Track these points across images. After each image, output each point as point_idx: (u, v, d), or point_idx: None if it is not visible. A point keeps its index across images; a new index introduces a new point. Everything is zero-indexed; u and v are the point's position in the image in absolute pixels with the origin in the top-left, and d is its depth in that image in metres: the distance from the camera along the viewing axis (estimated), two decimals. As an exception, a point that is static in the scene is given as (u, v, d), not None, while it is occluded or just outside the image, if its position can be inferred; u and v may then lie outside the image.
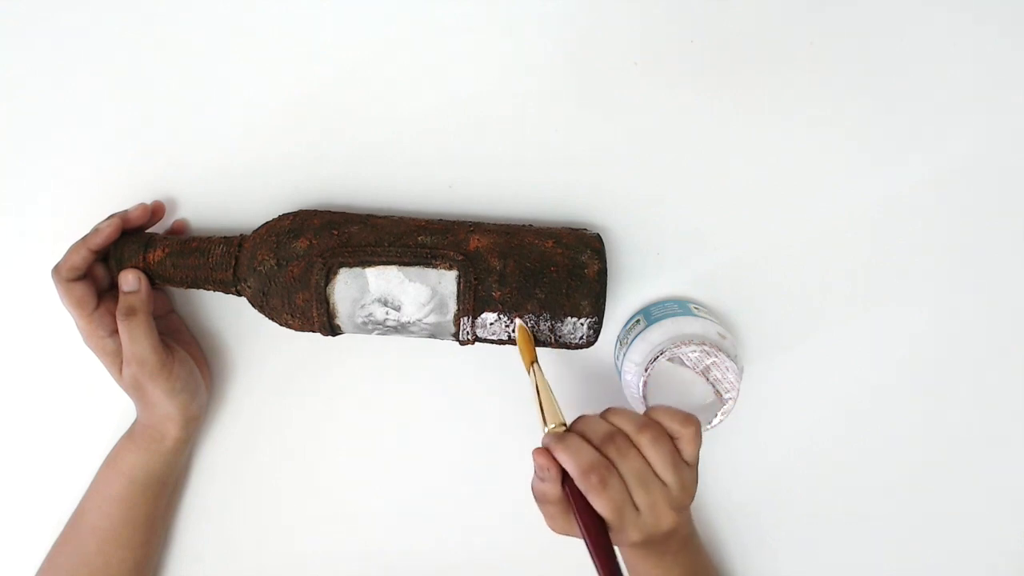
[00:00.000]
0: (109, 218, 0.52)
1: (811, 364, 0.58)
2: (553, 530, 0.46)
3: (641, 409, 0.51)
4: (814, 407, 0.58)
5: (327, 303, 0.49)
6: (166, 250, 0.52)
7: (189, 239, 0.53)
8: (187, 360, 0.54)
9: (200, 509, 0.60)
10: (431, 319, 0.50)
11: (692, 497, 0.45)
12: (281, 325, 0.52)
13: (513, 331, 0.50)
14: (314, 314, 0.49)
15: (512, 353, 0.56)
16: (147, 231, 0.54)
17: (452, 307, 0.49)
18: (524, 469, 0.59)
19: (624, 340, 0.55)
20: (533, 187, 0.55)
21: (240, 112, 0.55)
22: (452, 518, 0.61)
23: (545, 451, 0.44)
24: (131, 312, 0.50)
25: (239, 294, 0.52)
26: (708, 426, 0.51)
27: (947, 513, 0.60)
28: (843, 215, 0.55)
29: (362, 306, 0.49)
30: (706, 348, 0.50)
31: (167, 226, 0.56)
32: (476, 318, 0.49)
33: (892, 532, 0.60)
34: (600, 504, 0.42)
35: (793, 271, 0.56)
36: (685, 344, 0.50)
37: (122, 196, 0.55)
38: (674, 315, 0.53)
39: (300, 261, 0.49)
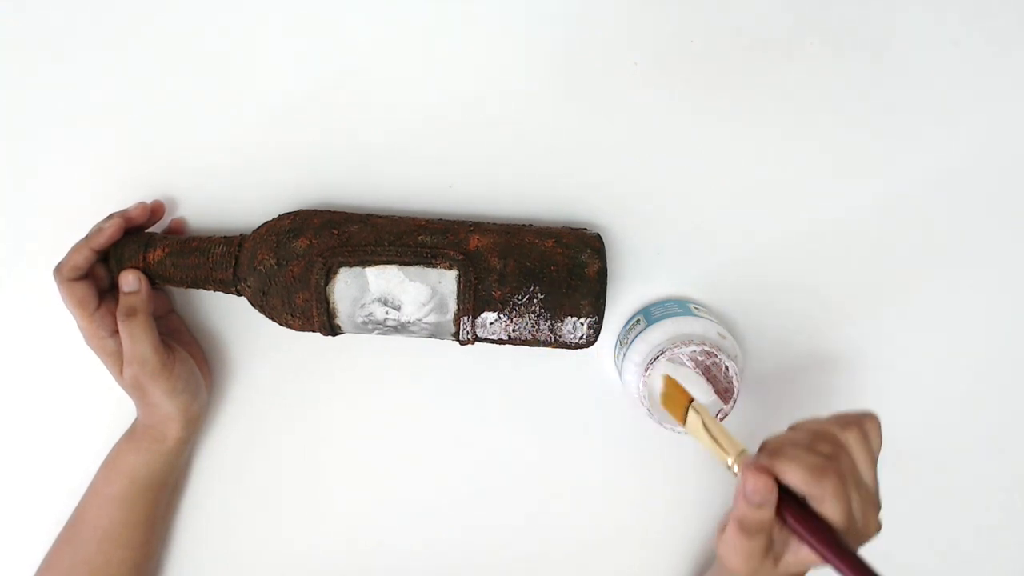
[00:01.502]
0: (109, 218, 0.52)
1: (811, 364, 0.58)
2: (738, 569, 0.40)
3: (641, 409, 0.52)
4: (814, 407, 0.58)
5: (327, 303, 0.49)
6: (166, 250, 0.52)
7: (189, 239, 0.53)
8: (188, 360, 0.54)
9: (200, 509, 0.60)
10: (431, 319, 0.50)
11: (880, 508, 0.41)
12: (281, 325, 0.52)
13: (513, 333, 0.50)
14: (314, 314, 0.49)
15: (512, 353, 0.56)
16: (147, 231, 0.54)
17: (452, 307, 0.49)
18: (524, 469, 0.59)
19: (624, 340, 0.55)
20: (533, 187, 0.55)
21: (240, 112, 0.55)
22: (452, 518, 0.60)
23: (761, 474, 0.39)
24: (131, 313, 0.50)
25: (239, 294, 0.52)
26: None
27: (953, 511, 0.60)
28: (843, 215, 0.55)
29: (362, 306, 0.49)
30: (706, 348, 0.50)
31: (165, 225, 0.56)
32: (476, 318, 0.49)
33: (893, 532, 0.60)
34: (834, 508, 0.38)
35: (793, 271, 0.56)
36: (685, 344, 0.50)
37: (122, 196, 0.55)
38: (674, 315, 0.53)
39: (300, 261, 0.49)
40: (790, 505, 0.39)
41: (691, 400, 0.46)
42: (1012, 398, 0.58)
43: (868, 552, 0.39)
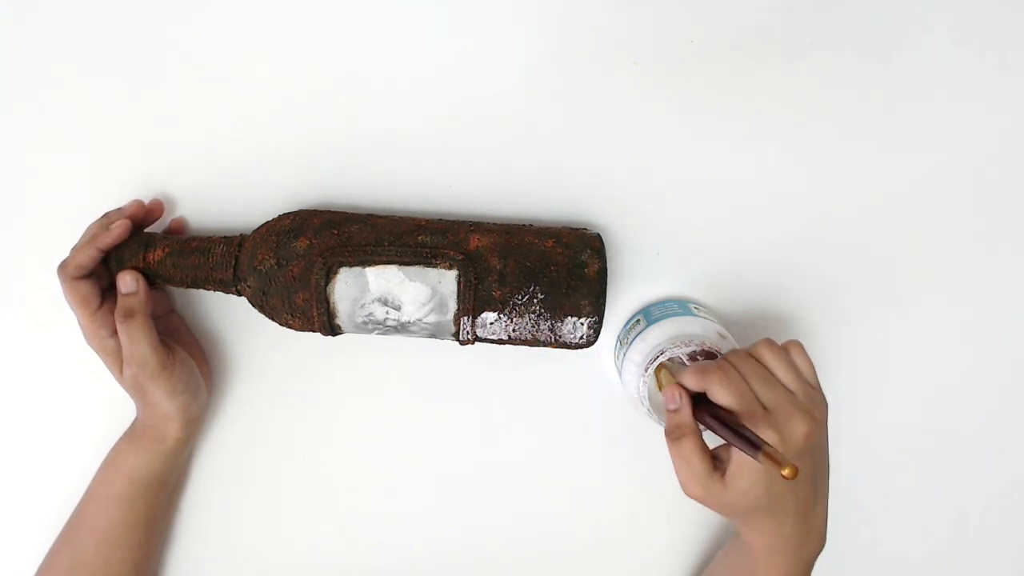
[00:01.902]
0: (105, 216, 0.52)
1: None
2: (687, 483, 0.45)
3: (641, 409, 0.52)
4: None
5: (327, 303, 0.49)
6: (166, 250, 0.52)
7: (189, 239, 0.53)
8: (188, 361, 0.54)
9: (200, 509, 0.60)
10: (431, 319, 0.50)
11: (824, 415, 0.45)
12: (281, 325, 0.51)
13: (513, 333, 0.50)
14: (314, 314, 0.49)
15: (513, 353, 0.56)
16: (147, 231, 0.54)
17: (452, 306, 0.49)
18: (524, 469, 0.59)
19: (624, 340, 0.55)
20: (533, 187, 0.55)
21: (240, 112, 0.55)
22: (452, 518, 0.60)
23: (675, 385, 0.46)
24: (129, 314, 0.50)
25: (239, 294, 0.52)
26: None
27: (952, 511, 0.60)
28: (843, 215, 0.55)
29: (362, 305, 0.49)
30: (706, 348, 0.50)
31: (166, 224, 0.56)
32: (476, 318, 0.49)
33: (894, 531, 0.60)
34: (723, 392, 0.43)
35: (793, 271, 0.56)
36: (685, 344, 0.50)
37: (122, 196, 0.55)
38: (674, 315, 0.53)
39: (300, 261, 0.49)
40: (704, 408, 0.44)
41: (661, 366, 0.49)
42: (1012, 397, 0.58)
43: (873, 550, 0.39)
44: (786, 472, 0.37)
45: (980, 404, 0.58)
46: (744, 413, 0.43)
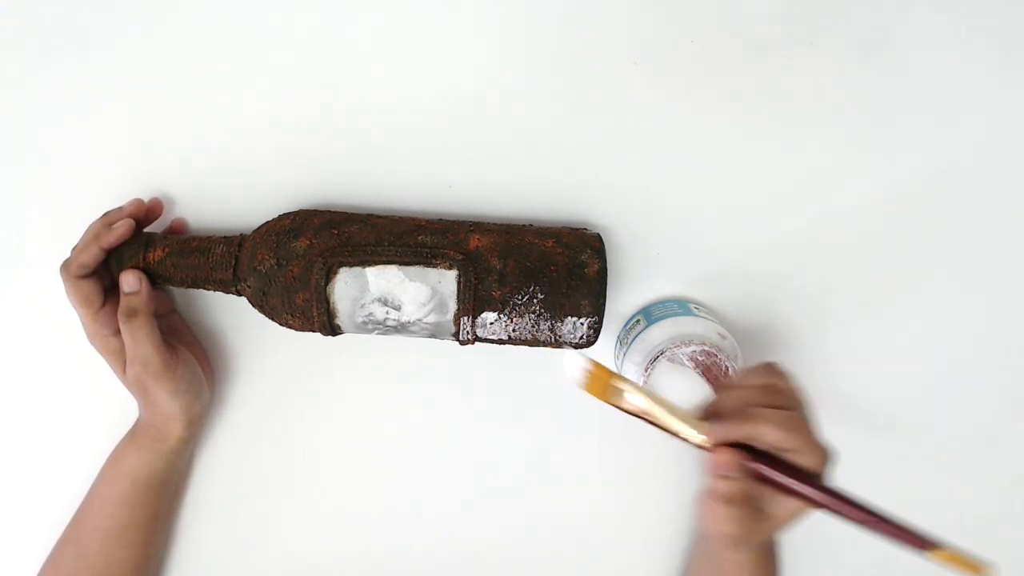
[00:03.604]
0: (105, 215, 0.52)
1: (811, 364, 0.58)
2: (730, 537, 0.41)
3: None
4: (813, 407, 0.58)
5: (327, 303, 0.49)
6: (166, 250, 0.52)
7: (189, 239, 0.53)
8: (191, 360, 0.54)
9: (202, 509, 0.60)
10: (431, 319, 0.50)
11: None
12: (281, 325, 0.52)
13: (513, 333, 0.50)
14: (314, 314, 0.49)
15: (513, 353, 0.56)
16: (147, 231, 0.54)
17: (452, 307, 0.49)
18: (524, 468, 0.59)
19: (624, 340, 0.55)
20: (533, 187, 0.55)
21: (240, 112, 0.55)
22: (452, 517, 0.61)
23: (726, 450, 0.40)
24: (132, 313, 0.50)
25: (239, 294, 0.52)
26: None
27: (951, 510, 0.60)
28: (843, 215, 0.55)
29: (362, 305, 0.49)
30: (706, 348, 0.50)
31: (166, 224, 0.56)
32: (476, 318, 0.49)
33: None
34: (816, 456, 0.40)
35: (793, 271, 0.56)
36: (685, 344, 0.50)
37: (123, 195, 0.55)
38: (674, 315, 0.53)
39: (300, 261, 0.49)
40: (765, 463, 0.40)
41: (611, 376, 0.43)
42: (1012, 396, 0.58)
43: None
44: (983, 574, 0.36)
45: (980, 404, 0.58)
46: (821, 468, 0.40)
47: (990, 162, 0.54)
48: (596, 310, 0.49)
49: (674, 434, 0.42)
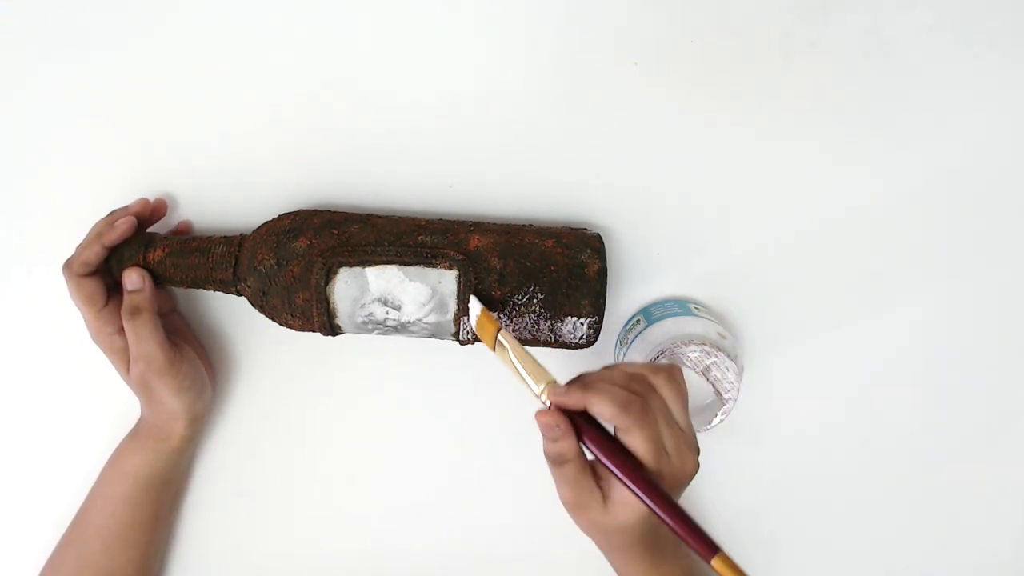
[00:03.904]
0: (111, 214, 0.52)
1: (811, 364, 0.58)
2: (567, 502, 0.42)
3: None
4: (814, 407, 0.58)
5: (327, 303, 0.49)
6: (166, 250, 0.52)
7: (189, 239, 0.53)
8: (194, 358, 0.54)
9: (202, 508, 0.60)
10: (431, 319, 0.50)
11: (698, 451, 0.43)
12: (281, 325, 0.52)
13: (513, 333, 0.50)
14: (314, 314, 0.49)
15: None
16: (148, 231, 0.54)
17: (452, 307, 0.49)
18: (524, 469, 0.59)
19: (624, 340, 0.55)
20: (533, 187, 0.55)
21: (240, 112, 0.55)
22: (452, 518, 0.61)
23: (548, 411, 0.41)
24: (136, 311, 0.50)
25: (239, 294, 0.52)
26: (708, 426, 0.51)
27: (951, 510, 0.60)
28: (843, 215, 0.55)
29: (362, 305, 0.49)
30: (706, 348, 0.50)
31: (172, 227, 0.56)
32: (476, 318, 0.49)
33: (894, 531, 0.60)
34: (641, 439, 0.39)
35: (793, 271, 0.56)
36: (685, 344, 0.50)
37: (123, 195, 0.55)
38: (674, 315, 0.53)
39: (300, 261, 0.49)
40: (596, 436, 0.40)
41: (499, 329, 0.45)
42: (1013, 395, 0.58)
43: (874, 553, 0.39)
44: None
45: (982, 403, 0.58)
46: (651, 464, 0.40)
47: (990, 162, 0.54)
48: (596, 310, 0.49)
49: (524, 383, 0.43)
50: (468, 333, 0.50)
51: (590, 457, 0.42)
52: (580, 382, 0.42)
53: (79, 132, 0.55)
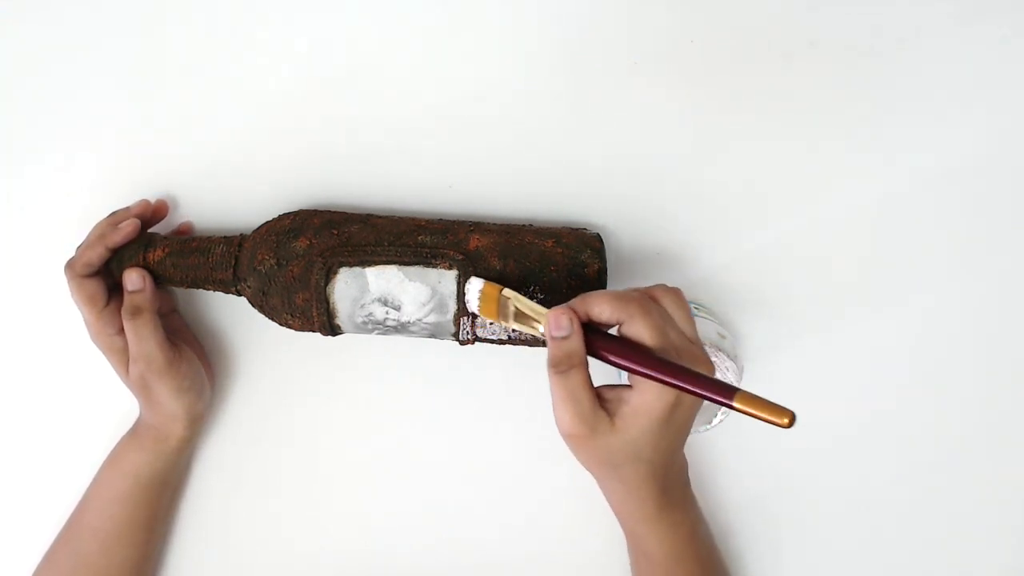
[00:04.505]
0: (111, 215, 0.52)
1: (811, 364, 0.57)
2: (571, 426, 0.40)
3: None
4: (814, 407, 0.58)
5: (327, 303, 0.49)
6: (166, 250, 0.52)
7: (189, 239, 0.53)
8: (193, 359, 0.54)
9: (201, 509, 0.60)
10: (431, 319, 0.50)
11: (712, 368, 0.42)
12: (281, 325, 0.52)
13: (513, 333, 0.50)
14: (314, 314, 0.49)
15: (513, 353, 0.56)
16: (148, 231, 0.54)
17: (452, 307, 0.49)
18: (524, 469, 0.59)
19: (624, 340, 0.55)
20: (533, 187, 0.55)
21: (240, 112, 0.55)
22: (452, 518, 0.60)
23: (557, 308, 0.40)
24: (136, 311, 0.50)
25: (239, 294, 0.52)
26: (708, 426, 0.51)
27: (951, 510, 0.60)
28: (843, 215, 0.55)
29: (362, 306, 0.49)
30: (706, 348, 0.50)
31: (173, 227, 0.56)
32: (476, 318, 0.49)
33: (893, 530, 0.60)
34: (643, 325, 0.39)
35: (793, 271, 0.56)
36: (685, 344, 0.50)
37: (124, 195, 0.55)
38: (674, 315, 0.53)
39: (300, 261, 0.49)
40: (601, 339, 0.40)
41: (501, 290, 0.45)
42: (1013, 395, 0.58)
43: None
44: (786, 421, 0.35)
45: (983, 403, 0.58)
46: (659, 346, 0.39)
47: (990, 162, 0.54)
48: (596, 310, 0.49)
49: (533, 329, 0.43)
50: (468, 333, 0.50)
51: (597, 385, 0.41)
52: (577, 298, 0.42)
53: (79, 132, 0.55)
